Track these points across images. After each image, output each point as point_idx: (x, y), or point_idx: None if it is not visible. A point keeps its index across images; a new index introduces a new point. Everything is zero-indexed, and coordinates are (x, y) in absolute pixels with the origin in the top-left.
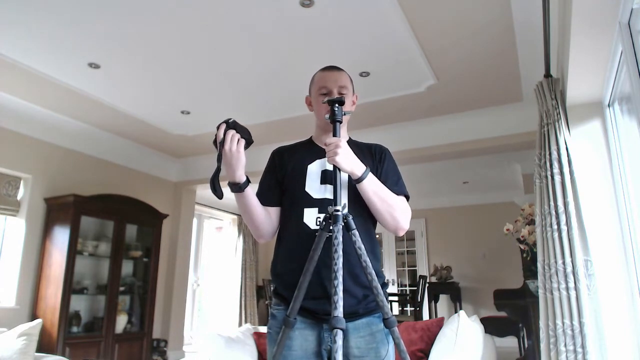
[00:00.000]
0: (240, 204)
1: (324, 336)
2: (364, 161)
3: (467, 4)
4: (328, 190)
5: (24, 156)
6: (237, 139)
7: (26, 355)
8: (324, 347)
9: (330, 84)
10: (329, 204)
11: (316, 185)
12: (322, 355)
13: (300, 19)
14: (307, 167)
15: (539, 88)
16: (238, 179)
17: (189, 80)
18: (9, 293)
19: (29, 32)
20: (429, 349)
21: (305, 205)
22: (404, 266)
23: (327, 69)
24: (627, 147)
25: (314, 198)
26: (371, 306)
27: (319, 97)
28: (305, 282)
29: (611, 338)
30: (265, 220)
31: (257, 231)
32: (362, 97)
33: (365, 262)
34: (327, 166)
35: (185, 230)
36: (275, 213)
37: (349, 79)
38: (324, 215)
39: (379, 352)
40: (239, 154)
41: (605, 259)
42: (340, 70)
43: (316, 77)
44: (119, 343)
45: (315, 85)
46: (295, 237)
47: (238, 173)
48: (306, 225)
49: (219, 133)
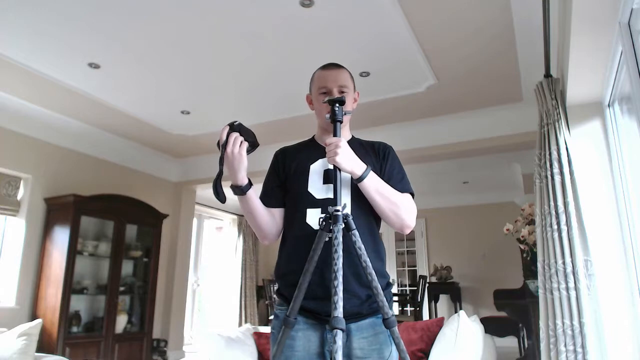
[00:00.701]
0: (243, 206)
1: (327, 337)
2: (367, 159)
3: (467, 4)
4: (331, 189)
5: (24, 156)
6: (239, 142)
7: (26, 355)
8: (327, 348)
9: (330, 83)
10: (332, 204)
11: (319, 185)
12: (325, 356)
13: (300, 19)
14: (310, 167)
15: (539, 88)
16: (240, 182)
17: (189, 80)
18: (9, 293)
19: (29, 32)
20: (429, 349)
21: (308, 206)
22: (404, 266)
23: (327, 67)
24: (627, 147)
25: (316, 198)
26: (375, 307)
27: (319, 97)
28: (305, 282)
29: (611, 338)
30: (269, 221)
31: (261, 233)
32: (362, 97)
33: (365, 262)
34: (329, 165)
35: (185, 230)
36: (279, 214)
37: (349, 76)
38: (325, 215)
39: (382, 354)
40: (241, 157)
41: (605, 259)
42: (340, 68)
43: (316, 75)
44: (119, 343)
45: (315, 84)
46: (298, 237)
47: (240, 175)
48: (309, 225)
49: (222, 135)
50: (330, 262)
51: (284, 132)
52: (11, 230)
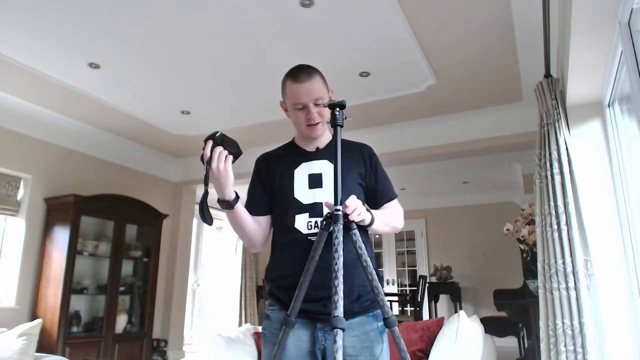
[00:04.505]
0: (231, 220)
1: (318, 335)
2: (357, 166)
3: (467, 4)
4: (317, 194)
5: (24, 156)
6: (224, 156)
7: (26, 355)
8: (318, 346)
9: (305, 98)
10: (320, 208)
11: (305, 190)
12: (317, 355)
13: (300, 19)
14: (294, 172)
15: (539, 88)
16: (228, 197)
17: (189, 80)
18: (9, 293)
19: (29, 32)
20: (429, 349)
21: (296, 212)
22: (404, 266)
23: (297, 78)
24: (627, 147)
25: (303, 204)
26: (365, 305)
27: (294, 111)
28: (306, 282)
29: (611, 338)
30: (256, 230)
31: (249, 242)
32: (362, 97)
33: (366, 261)
34: (313, 170)
35: (185, 230)
36: (266, 221)
37: (321, 81)
38: (325, 214)
39: (373, 351)
40: (227, 172)
41: (605, 259)
42: (311, 76)
43: (288, 87)
44: (119, 343)
45: (288, 97)
46: (288, 242)
47: (227, 191)
48: (298, 230)
49: (205, 151)
50: (321, 263)
51: (284, 132)
52: (11, 230)
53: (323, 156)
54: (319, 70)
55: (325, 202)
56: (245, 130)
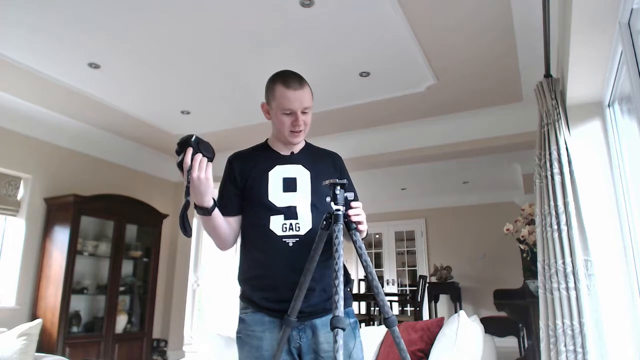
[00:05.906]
0: (206, 224)
1: (293, 334)
2: (330, 171)
3: (467, 4)
4: (291, 197)
5: (24, 156)
6: (205, 164)
7: (26, 355)
8: (293, 345)
9: (295, 105)
10: (294, 211)
11: (279, 193)
12: (292, 353)
13: (300, 19)
14: (268, 174)
15: (539, 88)
16: (207, 204)
17: (189, 80)
18: (9, 293)
19: (29, 32)
20: (429, 349)
21: (271, 214)
22: (404, 266)
23: (290, 84)
24: (627, 147)
25: (277, 207)
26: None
27: (281, 116)
28: (306, 281)
29: (611, 338)
30: (227, 230)
31: (221, 243)
32: (362, 97)
33: (366, 261)
34: (287, 173)
35: None
36: (236, 222)
37: (310, 91)
38: (326, 214)
39: (347, 345)
40: (208, 181)
41: (605, 259)
42: (302, 85)
43: (278, 92)
44: (119, 343)
45: (276, 100)
46: (262, 244)
47: (207, 198)
48: (272, 232)
49: (186, 159)
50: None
51: None
52: (11, 230)
53: (298, 161)
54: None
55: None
56: (245, 130)
